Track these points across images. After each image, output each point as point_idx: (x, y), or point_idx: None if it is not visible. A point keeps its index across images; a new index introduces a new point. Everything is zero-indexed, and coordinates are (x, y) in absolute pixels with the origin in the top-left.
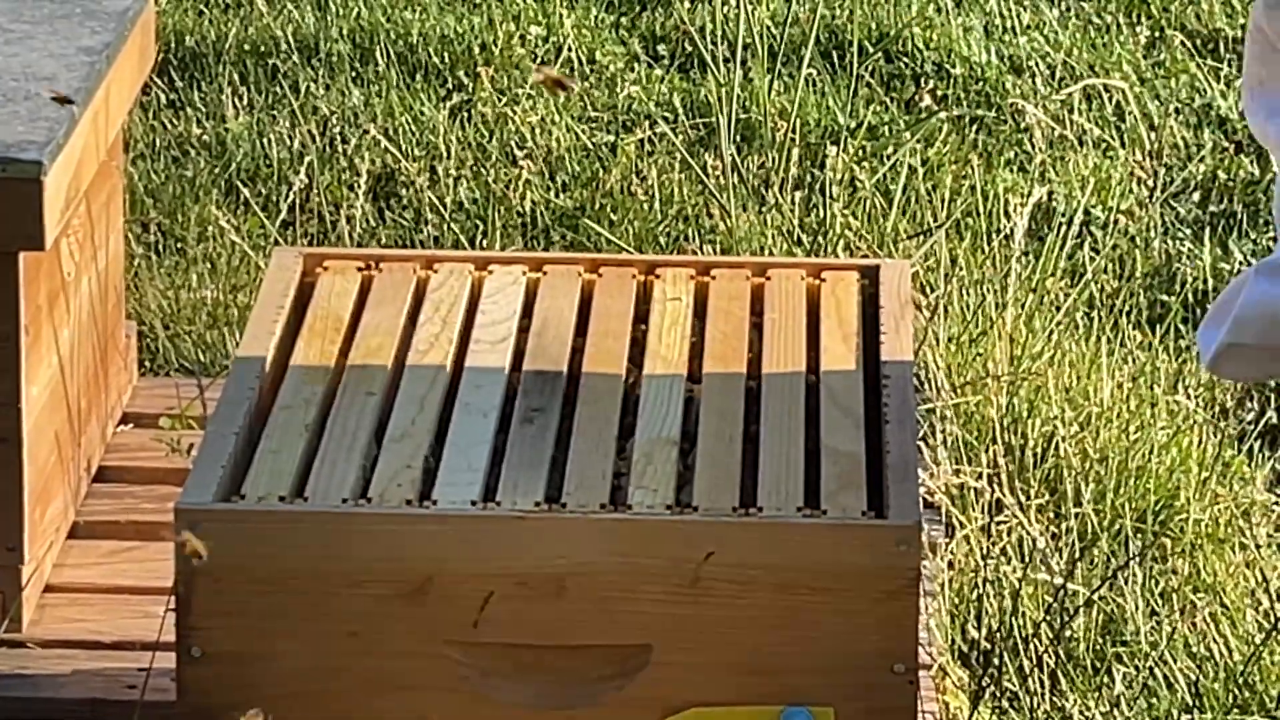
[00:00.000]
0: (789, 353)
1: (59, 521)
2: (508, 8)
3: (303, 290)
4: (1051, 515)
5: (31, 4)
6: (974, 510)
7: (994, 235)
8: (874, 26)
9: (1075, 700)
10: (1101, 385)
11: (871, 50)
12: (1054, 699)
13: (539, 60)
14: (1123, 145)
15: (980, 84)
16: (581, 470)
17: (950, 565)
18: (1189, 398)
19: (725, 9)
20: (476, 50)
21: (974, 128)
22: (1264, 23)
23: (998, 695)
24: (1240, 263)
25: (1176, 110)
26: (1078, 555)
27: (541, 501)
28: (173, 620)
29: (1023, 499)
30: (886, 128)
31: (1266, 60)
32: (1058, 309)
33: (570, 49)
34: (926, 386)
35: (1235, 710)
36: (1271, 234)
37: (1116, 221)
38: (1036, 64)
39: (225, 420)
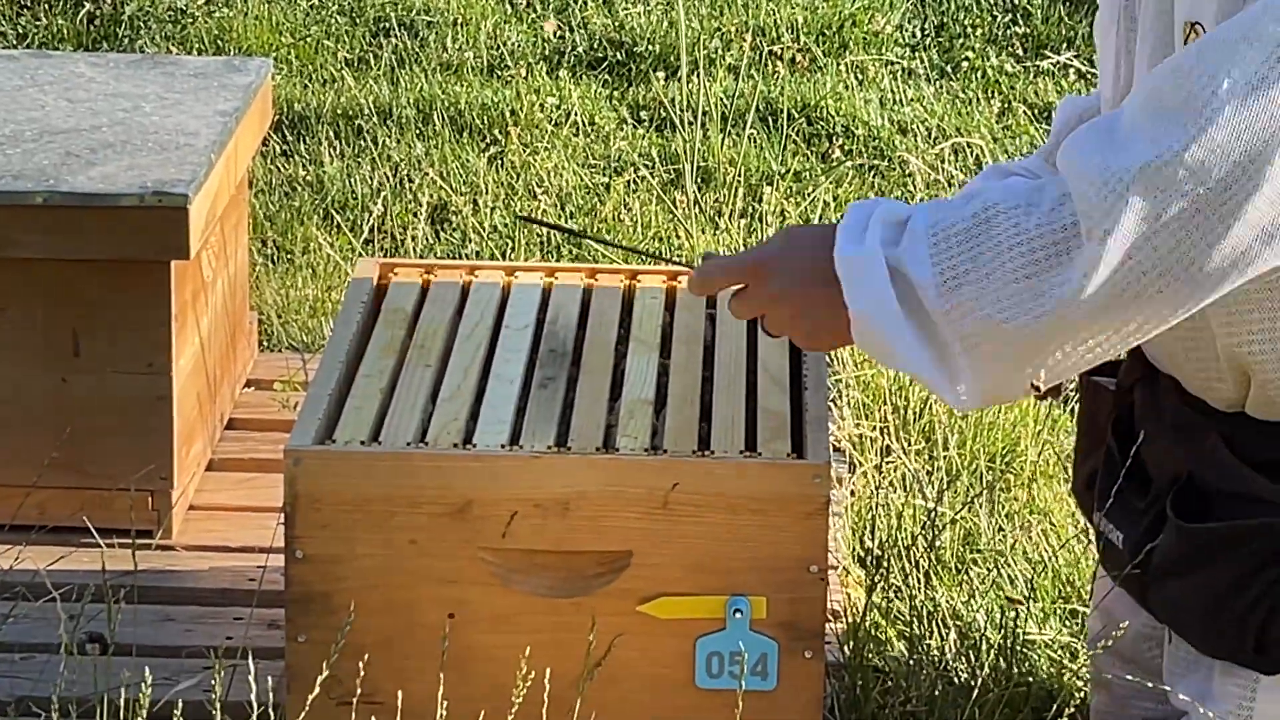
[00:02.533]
0: (734, 338)
1: (200, 458)
2: (530, 84)
3: (379, 290)
4: (926, 457)
5: (180, 79)
6: (869, 453)
7: None
8: (799, 99)
9: (943, 592)
10: None
11: (796, 116)
12: (927, 592)
13: (554, 122)
14: None
15: (876, 142)
16: (582, 422)
17: (852, 493)
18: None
19: (690, 86)
20: (508, 115)
21: (871, 174)
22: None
23: (886, 589)
24: None
25: (1022, 158)
26: (945, 486)
27: (553, 445)
28: (282, 531)
29: (905, 445)
30: (808, 173)
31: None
32: None
33: (576, 113)
34: (835, 362)
35: (1060, 600)
36: None
37: None
38: (917, 127)
39: (322, 384)
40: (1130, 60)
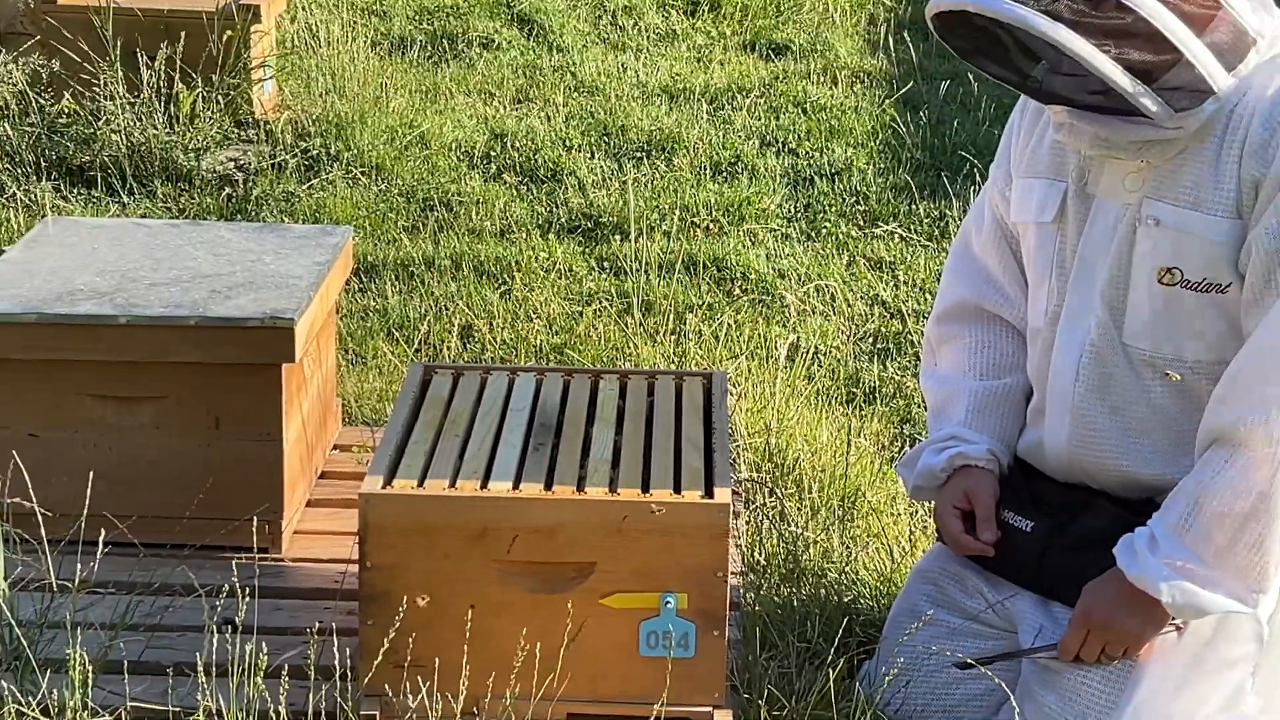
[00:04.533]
0: (667, 418)
1: (302, 498)
2: (529, 243)
3: (423, 385)
4: (797, 498)
5: (290, 239)
6: (758, 495)
7: (770, 359)
8: (711, 254)
9: (809, 589)
10: (822, 433)
11: (709, 266)
12: (797, 590)
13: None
14: (834, 312)
15: (764, 283)
16: (563, 474)
17: (746, 522)
18: (866, 440)
19: (637, 245)
20: (514, 264)
21: (760, 305)
22: (929, 330)
23: (769, 588)
24: (893, 373)
25: (861, 297)
26: (810, 518)
27: (543, 489)
28: (357, 548)
29: (782, 490)
30: (717, 304)
31: (925, 354)
32: (801, 396)
33: (559, 265)
34: (735, 434)
35: (889, 597)
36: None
37: (831, 351)
38: (792, 273)
39: (385, 448)
40: (1064, 287)
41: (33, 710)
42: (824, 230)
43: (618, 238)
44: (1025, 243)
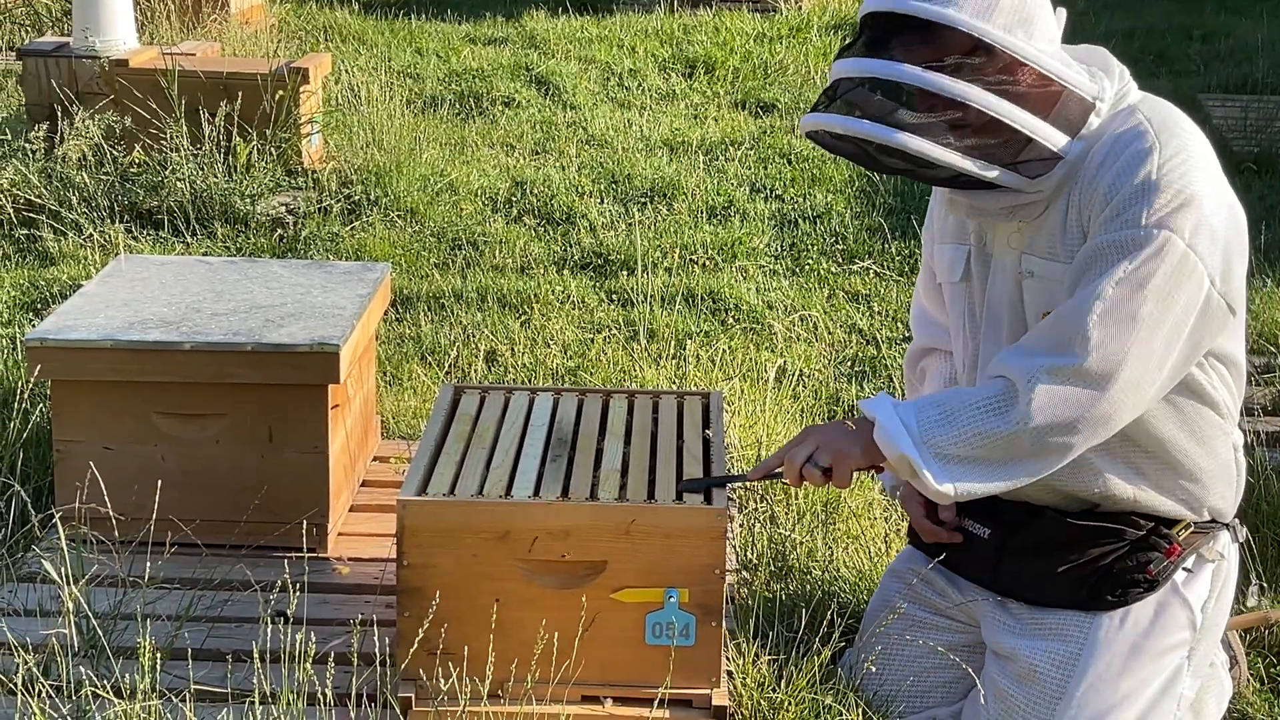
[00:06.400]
0: (669, 432)
1: (346, 504)
2: (546, 278)
3: (454, 404)
4: (785, 504)
5: (335, 275)
6: (750, 500)
7: (760, 380)
8: (708, 288)
9: (795, 585)
10: None
11: (706, 298)
12: (785, 586)
13: (560, 303)
14: (816, 339)
15: (754, 314)
16: (578, 482)
17: (740, 525)
18: None
19: (642, 280)
20: (533, 297)
21: (751, 332)
22: (906, 373)
23: (761, 584)
24: (869, 393)
25: (841, 325)
26: (796, 522)
27: (559, 496)
28: (395, 548)
29: (771, 497)
30: (712, 332)
31: (909, 392)
32: (787, 413)
33: (573, 298)
34: (730, 446)
35: (866, 593)
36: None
37: (814, 374)
38: (778, 305)
39: (419, 460)
40: (976, 336)
41: (107, 692)
42: (807, 266)
43: (625, 273)
44: (945, 299)
